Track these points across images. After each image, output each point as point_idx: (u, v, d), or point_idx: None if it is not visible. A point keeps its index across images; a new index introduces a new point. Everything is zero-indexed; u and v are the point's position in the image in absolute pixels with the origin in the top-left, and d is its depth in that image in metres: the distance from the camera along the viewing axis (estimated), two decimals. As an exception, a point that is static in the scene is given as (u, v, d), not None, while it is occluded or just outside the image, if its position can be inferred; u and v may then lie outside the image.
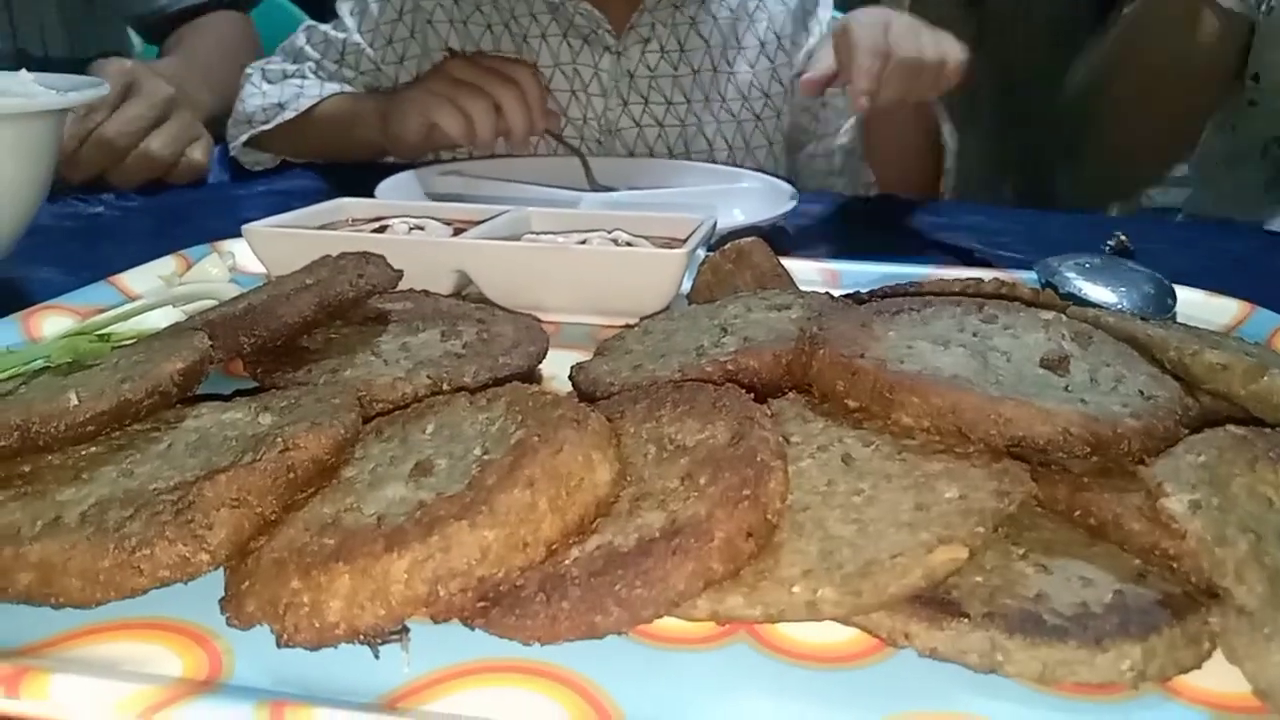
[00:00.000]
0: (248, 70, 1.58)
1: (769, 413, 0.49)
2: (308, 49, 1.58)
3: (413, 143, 1.38)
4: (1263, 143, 1.50)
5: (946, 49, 1.21)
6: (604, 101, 1.55)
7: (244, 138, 1.51)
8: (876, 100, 1.16)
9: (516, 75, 1.31)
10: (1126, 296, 0.78)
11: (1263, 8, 1.43)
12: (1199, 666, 0.40)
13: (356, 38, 1.57)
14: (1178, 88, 1.48)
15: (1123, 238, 1.09)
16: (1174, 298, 0.79)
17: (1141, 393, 0.51)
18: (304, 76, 1.56)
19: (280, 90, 1.52)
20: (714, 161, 1.54)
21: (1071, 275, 0.81)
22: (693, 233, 0.86)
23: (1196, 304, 0.82)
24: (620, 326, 0.74)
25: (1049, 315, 0.58)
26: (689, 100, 1.56)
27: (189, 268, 0.89)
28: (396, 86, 1.55)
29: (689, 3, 1.53)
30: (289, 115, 1.47)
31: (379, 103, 1.46)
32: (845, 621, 0.42)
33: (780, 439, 0.47)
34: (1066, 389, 0.51)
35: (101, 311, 0.77)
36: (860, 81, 1.14)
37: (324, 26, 1.60)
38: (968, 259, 1.07)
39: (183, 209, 1.29)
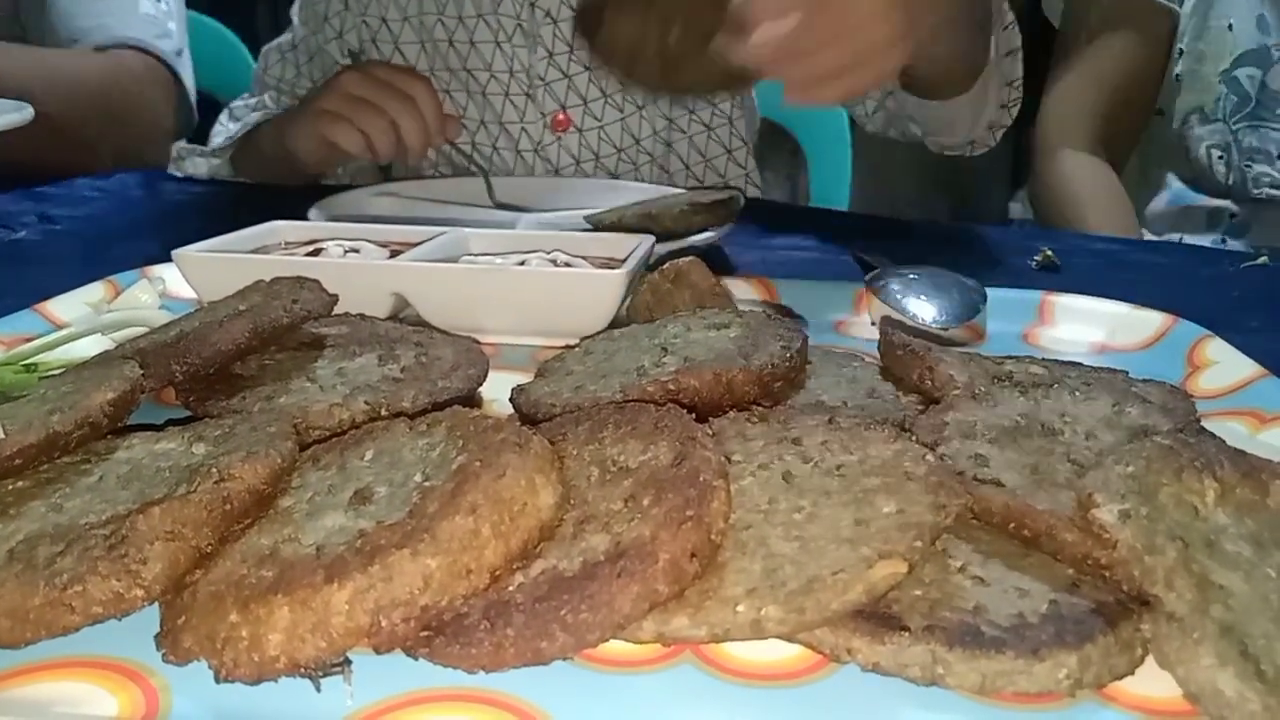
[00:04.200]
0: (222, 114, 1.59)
1: (710, 432, 0.50)
2: (265, 75, 1.58)
3: (312, 162, 1.37)
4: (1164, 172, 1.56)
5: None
6: (529, 53, 1.48)
7: (187, 158, 1.51)
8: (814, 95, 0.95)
9: (412, 90, 1.28)
10: (939, 305, 0.84)
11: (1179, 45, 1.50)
12: (1133, 672, 0.41)
13: (303, 34, 1.55)
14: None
15: (1049, 253, 1.11)
16: (985, 300, 0.85)
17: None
18: (265, 106, 1.55)
19: (240, 127, 1.51)
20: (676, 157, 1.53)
21: (895, 286, 0.86)
22: (631, 253, 0.86)
23: (1121, 317, 0.84)
24: (561, 347, 0.74)
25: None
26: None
27: (118, 294, 0.88)
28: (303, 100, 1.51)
29: None
30: (220, 159, 1.46)
31: (279, 121, 1.44)
32: (789, 639, 0.42)
33: (722, 458, 0.47)
34: None
35: (27, 340, 0.75)
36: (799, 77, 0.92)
37: (277, 40, 1.59)
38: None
39: (109, 233, 1.26)
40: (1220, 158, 1.50)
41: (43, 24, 1.73)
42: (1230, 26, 1.47)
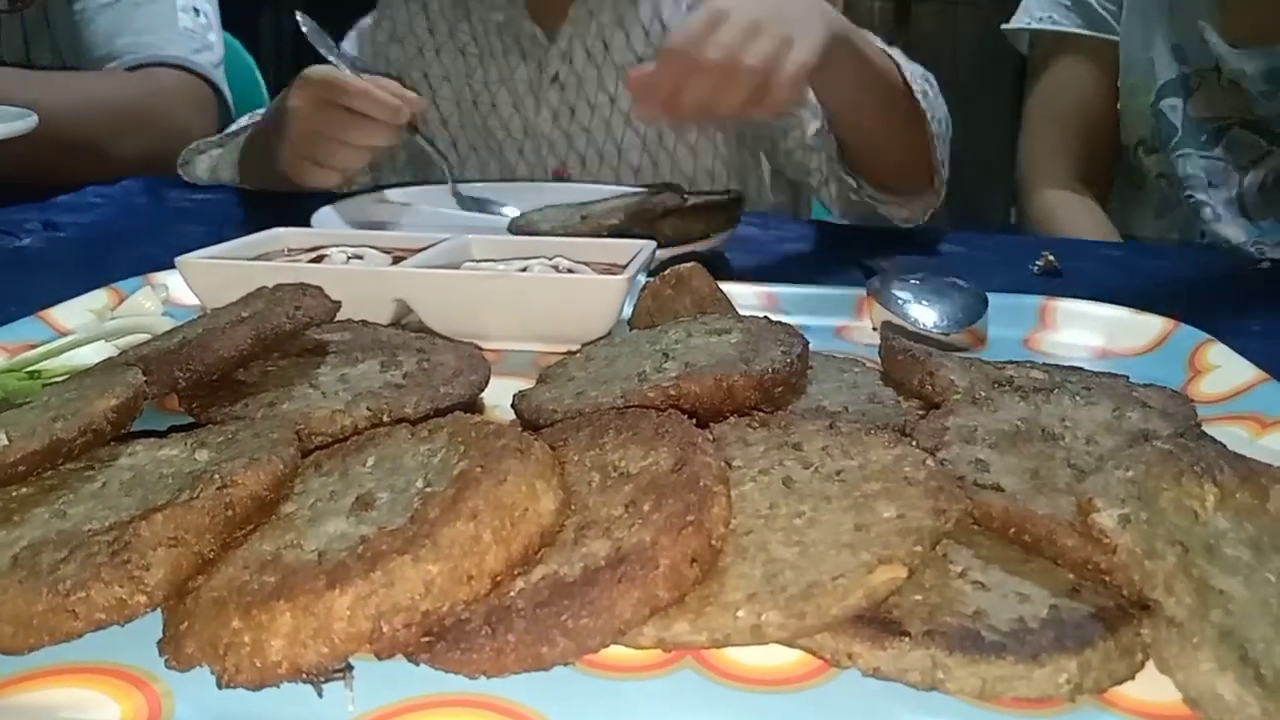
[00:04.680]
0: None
1: (711, 437, 0.50)
2: None
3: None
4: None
5: (782, 55, 1.01)
6: (536, 115, 1.58)
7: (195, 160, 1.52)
8: (671, 111, 1.05)
9: (355, 104, 1.26)
10: (940, 310, 0.84)
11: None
12: (1133, 677, 0.41)
13: (353, 57, 1.58)
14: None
15: (1050, 257, 1.11)
16: (985, 305, 0.85)
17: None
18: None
19: (248, 118, 1.54)
20: (655, 167, 1.55)
21: (897, 292, 0.87)
22: (633, 258, 0.87)
23: (1122, 321, 0.84)
24: (562, 353, 0.74)
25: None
26: (614, 102, 1.56)
27: (121, 301, 0.88)
28: None
29: (605, 7, 1.53)
30: (225, 147, 1.47)
31: (264, 136, 1.44)
32: (790, 644, 0.43)
33: (722, 464, 0.47)
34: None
35: (31, 347, 0.75)
36: (643, 89, 1.05)
37: (324, 66, 1.61)
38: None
39: (113, 240, 1.27)
40: (1169, 187, 1.51)
41: (78, 46, 1.73)
42: (1151, 60, 1.48)
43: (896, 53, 1.27)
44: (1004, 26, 1.67)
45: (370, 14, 1.66)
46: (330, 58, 1.28)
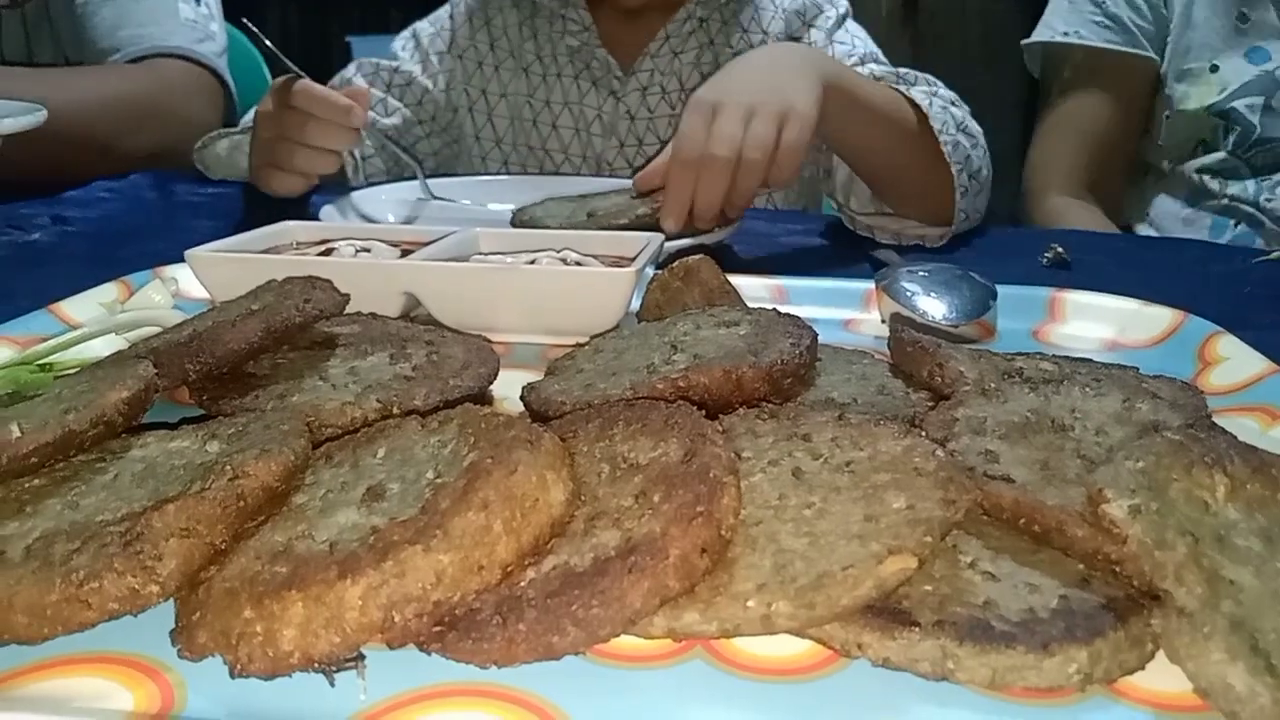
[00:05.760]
0: None
1: (720, 429, 0.50)
2: (356, 79, 1.59)
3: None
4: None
5: (772, 135, 1.04)
6: (603, 141, 1.59)
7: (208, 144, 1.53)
8: (693, 219, 1.07)
9: (305, 105, 1.26)
10: (948, 302, 0.85)
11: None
12: (1143, 668, 0.41)
13: (408, 66, 1.60)
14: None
15: (1059, 249, 1.11)
16: (995, 297, 0.85)
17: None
18: None
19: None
20: None
21: (905, 284, 0.87)
22: (641, 251, 0.87)
23: (1132, 313, 0.84)
24: (571, 346, 0.74)
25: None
26: None
27: (131, 294, 0.88)
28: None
29: (689, 48, 1.54)
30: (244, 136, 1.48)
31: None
32: (799, 634, 0.43)
33: (732, 455, 0.47)
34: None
35: (42, 341, 0.75)
36: (668, 205, 1.06)
37: (375, 59, 1.63)
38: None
39: (122, 233, 1.27)
40: (1220, 189, 1.51)
41: (81, 40, 1.73)
42: (1215, 65, 1.48)
43: (922, 90, 1.26)
44: (1025, 41, 1.67)
45: (426, 19, 1.66)
46: (286, 63, 1.29)
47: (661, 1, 1.53)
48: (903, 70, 1.37)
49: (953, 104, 1.28)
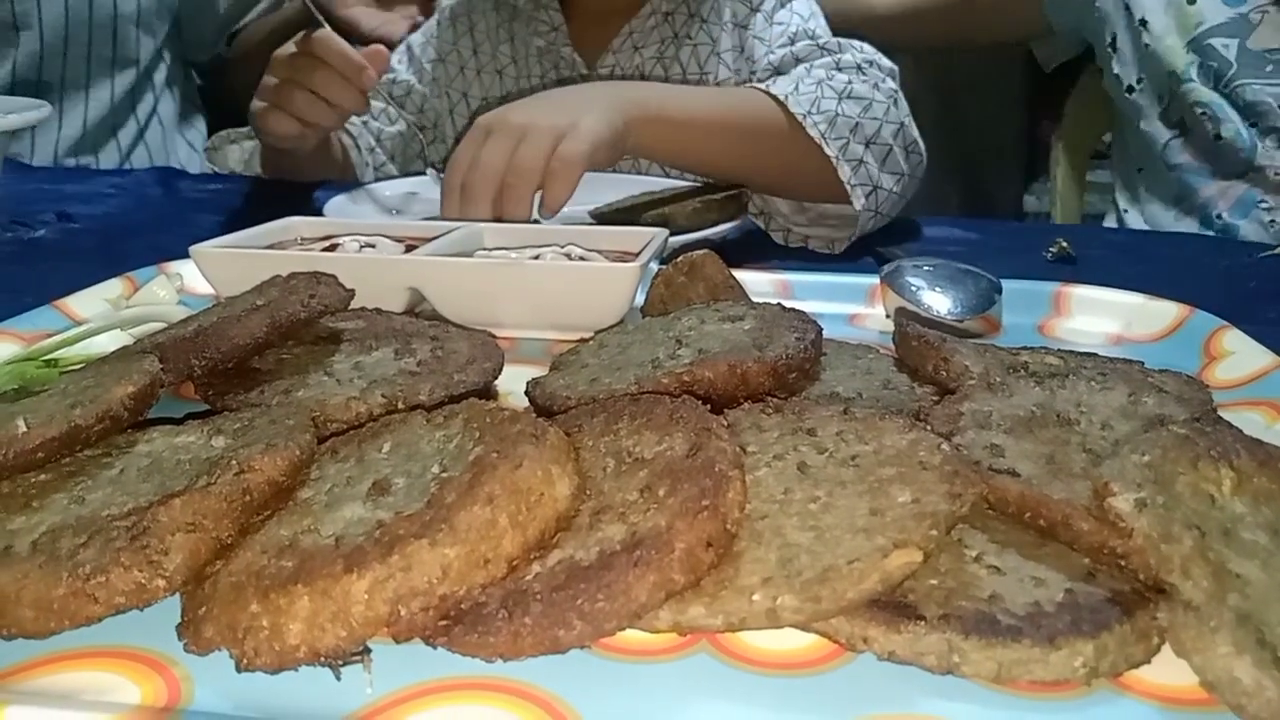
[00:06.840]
0: None
1: (725, 423, 0.50)
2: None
3: (280, 148, 1.38)
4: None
5: (543, 153, 1.01)
6: None
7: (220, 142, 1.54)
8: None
9: (321, 52, 1.25)
10: (953, 297, 0.84)
11: None
12: (1149, 661, 0.41)
13: (405, 76, 1.60)
14: None
15: (1064, 244, 1.11)
16: (1000, 292, 0.85)
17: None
18: None
19: None
20: None
21: (910, 279, 0.87)
22: (645, 246, 0.87)
23: (1137, 307, 0.84)
24: (575, 341, 0.74)
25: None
26: None
27: (136, 290, 0.88)
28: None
29: (650, 43, 1.53)
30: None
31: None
32: (805, 628, 0.43)
33: (737, 449, 0.47)
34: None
35: (47, 336, 0.75)
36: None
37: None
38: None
39: (127, 229, 1.27)
40: (1207, 122, 1.50)
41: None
42: (1181, 5, 1.48)
43: (794, 77, 1.21)
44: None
45: (420, 31, 1.66)
46: (317, 16, 1.29)
47: (627, 2, 1.52)
48: (826, 40, 1.32)
49: (858, 69, 1.22)
